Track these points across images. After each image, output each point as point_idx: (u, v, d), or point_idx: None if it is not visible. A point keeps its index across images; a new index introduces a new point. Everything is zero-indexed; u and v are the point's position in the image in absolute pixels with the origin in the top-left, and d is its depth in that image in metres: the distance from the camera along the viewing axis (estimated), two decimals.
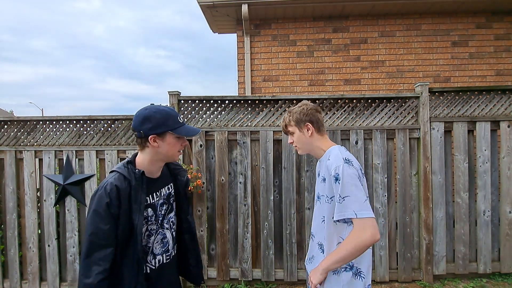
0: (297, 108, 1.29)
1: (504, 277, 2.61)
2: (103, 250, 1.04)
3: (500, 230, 2.61)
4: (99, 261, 1.03)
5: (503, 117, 2.59)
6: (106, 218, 1.05)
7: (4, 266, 2.67)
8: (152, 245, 1.20)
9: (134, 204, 1.10)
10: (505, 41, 3.94)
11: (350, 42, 4.04)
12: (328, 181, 1.17)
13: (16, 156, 2.64)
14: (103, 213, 1.05)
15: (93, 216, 1.05)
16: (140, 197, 1.11)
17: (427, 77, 3.96)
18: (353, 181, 1.11)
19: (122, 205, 1.07)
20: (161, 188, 1.24)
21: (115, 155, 2.61)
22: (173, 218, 1.30)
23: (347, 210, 1.09)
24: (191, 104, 2.64)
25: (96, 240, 1.04)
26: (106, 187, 1.07)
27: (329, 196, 1.18)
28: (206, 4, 3.79)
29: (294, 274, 2.59)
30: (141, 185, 1.12)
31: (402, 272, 2.58)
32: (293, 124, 1.28)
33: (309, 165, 2.58)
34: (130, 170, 1.12)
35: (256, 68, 4.08)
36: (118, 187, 1.07)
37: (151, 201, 1.18)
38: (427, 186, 2.55)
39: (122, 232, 1.08)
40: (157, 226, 1.21)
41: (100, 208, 1.05)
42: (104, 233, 1.04)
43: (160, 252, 1.22)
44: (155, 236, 1.20)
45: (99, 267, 1.03)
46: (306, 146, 1.29)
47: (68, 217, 2.61)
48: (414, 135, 2.60)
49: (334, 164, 1.15)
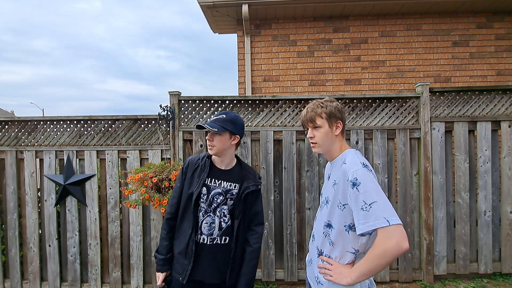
0: (329, 102, 1.19)
1: (505, 277, 2.60)
2: (174, 199, 1.52)
3: (501, 230, 2.61)
4: (169, 206, 1.52)
5: (504, 117, 2.59)
6: (179, 179, 1.53)
7: (5, 266, 2.68)
8: (202, 223, 1.45)
9: (196, 178, 1.47)
10: (506, 41, 3.93)
11: (351, 42, 4.04)
12: (343, 186, 1.08)
13: (17, 156, 2.65)
14: (179, 176, 1.55)
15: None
16: (201, 175, 1.47)
17: (427, 77, 3.95)
18: (375, 185, 1.02)
19: (188, 174, 1.50)
20: (222, 179, 1.49)
21: (115, 155, 2.62)
22: (226, 211, 1.48)
23: (378, 219, 0.97)
24: (191, 104, 2.64)
25: (173, 193, 1.55)
26: (185, 161, 1.58)
27: (342, 203, 1.09)
28: (206, 4, 3.80)
29: (295, 274, 2.59)
30: (204, 167, 1.48)
31: (403, 272, 2.58)
32: (324, 117, 1.17)
33: (310, 165, 2.58)
34: (204, 155, 1.54)
35: (257, 68, 4.08)
36: (189, 162, 1.53)
37: (208, 183, 1.47)
38: (428, 186, 2.55)
39: (185, 194, 1.47)
40: (208, 208, 1.46)
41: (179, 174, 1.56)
42: (176, 188, 1.53)
43: (206, 234, 1.45)
44: (205, 217, 1.46)
45: (169, 208, 1.52)
46: (327, 144, 1.19)
47: (68, 217, 2.62)
48: (414, 135, 2.60)
49: (351, 168, 1.06)
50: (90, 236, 2.61)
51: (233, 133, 1.45)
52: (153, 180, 2.20)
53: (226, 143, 1.45)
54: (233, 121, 1.46)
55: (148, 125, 2.65)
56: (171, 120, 2.57)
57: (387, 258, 0.97)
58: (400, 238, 0.95)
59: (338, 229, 1.11)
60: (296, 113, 2.62)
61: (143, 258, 2.61)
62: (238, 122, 1.48)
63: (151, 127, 2.65)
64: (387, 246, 0.96)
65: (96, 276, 2.62)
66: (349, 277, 1.06)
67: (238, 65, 4.12)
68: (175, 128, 2.59)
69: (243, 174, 1.51)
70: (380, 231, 0.98)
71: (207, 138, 1.46)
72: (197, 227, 1.45)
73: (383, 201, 1.00)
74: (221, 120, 1.44)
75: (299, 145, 2.62)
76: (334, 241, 1.13)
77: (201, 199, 1.45)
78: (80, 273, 2.63)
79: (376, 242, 0.99)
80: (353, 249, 1.11)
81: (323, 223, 1.19)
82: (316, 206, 2.57)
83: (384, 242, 0.97)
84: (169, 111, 2.55)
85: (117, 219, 2.61)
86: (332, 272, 1.12)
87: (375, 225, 0.98)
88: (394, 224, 0.96)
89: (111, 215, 2.61)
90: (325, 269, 1.15)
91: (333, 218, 1.13)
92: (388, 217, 0.97)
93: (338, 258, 1.13)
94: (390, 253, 0.96)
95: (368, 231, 1.01)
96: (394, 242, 0.95)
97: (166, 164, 2.42)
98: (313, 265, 1.24)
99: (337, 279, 1.09)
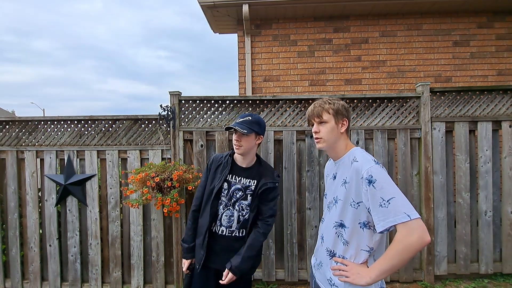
0: (336, 100, 1.23)
1: (506, 277, 2.60)
2: (198, 192, 1.68)
3: (501, 230, 2.60)
4: (195, 199, 1.69)
5: (505, 117, 2.59)
6: (204, 174, 1.70)
7: (5, 265, 2.68)
8: (222, 216, 1.59)
9: (219, 174, 1.61)
10: (506, 41, 3.92)
11: (351, 42, 4.03)
12: (356, 184, 1.08)
13: (17, 156, 2.65)
14: (204, 171, 1.72)
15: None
16: (223, 171, 1.60)
17: (428, 77, 3.95)
18: (390, 181, 1.03)
19: (212, 170, 1.64)
20: (243, 177, 1.61)
21: (116, 155, 2.62)
22: (244, 206, 1.59)
23: (398, 214, 0.97)
24: (192, 104, 2.64)
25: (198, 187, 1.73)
26: (210, 158, 1.75)
27: (356, 201, 1.08)
28: (206, 4, 3.80)
29: (295, 274, 2.58)
30: (227, 164, 1.62)
31: (403, 273, 2.58)
32: (332, 113, 1.19)
33: (310, 165, 2.58)
34: (227, 153, 1.67)
35: (257, 68, 4.08)
36: (213, 159, 1.68)
37: (229, 179, 1.60)
38: (428, 186, 2.55)
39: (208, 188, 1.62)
40: (228, 202, 1.59)
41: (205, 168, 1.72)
42: (201, 183, 1.70)
43: (225, 226, 1.58)
44: (225, 210, 1.59)
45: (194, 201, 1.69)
46: (332, 140, 1.20)
47: (69, 217, 2.62)
48: (415, 135, 2.59)
49: (365, 165, 1.06)
50: (90, 236, 2.61)
51: (258, 133, 1.58)
52: (156, 180, 2.20)
53: (252, 143, 1.56)
54: (258, 122, 1.59)
55: (149, 125, 2.65)
56: (172, 120, 2.57)
57: (410, 253, 0.97)
58: (422, 232, 0.96)
59: (352, 227, 1.11)
60: (296, 113, 2.62)
61: (143, 258, 2.61)
62: (262, 123, 1.61)
63: (151, 127, 2.65)
64: (410, 240, 0.96)
65: (96, 276, 2.62)
66: (368, 277, 1.05)
67: (239, 65, 4.12)
68: (175, 128, 2.59)
69: (261, 171, 1.62)
70: (400, 227, 0.98)
71: (235, 139, 1.56)
72: (216, 219, 1.59)
73: (401, 196, 1.00)
74: (248, 122, 1.55)
75: (299, 145, 2.62)
76: (348, 240, 1.12)
77: (222, 193, 1.59)
78: (81, 273, 2.63)
79: (398, 238, 0.99)
80: (368, 247, 1.10)
81: (334, 223, 1.17)
82: (316, 206, 2.57)
83: (406, 237, 0.97)
84: (169, 111, 2.56)
85: (117, 219, 2.61)
86: (348, 273, 1.10)
87: (395, 220, 0.98)
88: (415, 219, 0.97)
89: (111, 215, 2.61)
90: (341, 270, 1.12)
91: (346, 217, 1.13)
92: (408, 211, 0.97)
93: (353, 257, 1.12)
94: (413, 248, 0.96)
95: (388, 228, 1.00)
96: (416, 236, 0.96)
97: (167, 164, 2.42)
98: (324, 268, 1.21)
99: (355, 280, 1.07)
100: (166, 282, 2.62)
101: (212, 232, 1.60)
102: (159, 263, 2.60)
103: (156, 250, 2.59)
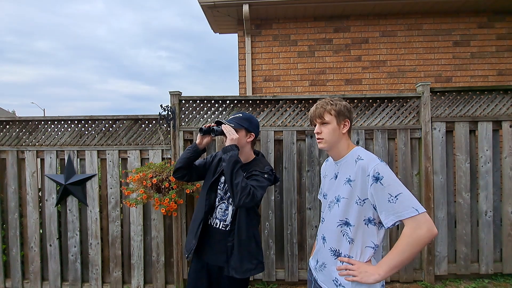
0: (338, 101, 1.23)
1: (506, 277, 2.60)
2: (199, 161, 1.78)
3: (502, 230, 2.60)
4: (178, 159, 1.74)
5: (505, 117, 2.58)
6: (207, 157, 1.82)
7: (6, 265, 2.69)
8: (216, 208, 1.62)
9: (218, 167, 1.67)
10: (507, 41, 3.92)
11: (351, 42, 4.03)
12: (361, 182, 1.10)
13: (18, 156, 2.66)
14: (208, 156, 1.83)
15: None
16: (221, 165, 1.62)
17: (428, 77, 3.95)
18: (396, 178, 1.06)
19: (214, 162, 1.74)
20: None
21: (116, 155, 2.62)
22: None
23: (406, 209, 1.00)
24: (192, 104, 2.64)
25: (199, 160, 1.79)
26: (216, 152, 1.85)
27: (362, 198, 1.10)
28: (207, 4, 3.80)
29: (295, 274, 2.58)
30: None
31: (404, 273, 2.58)
32: (333, 114, 1.20)
33: (310, 165, 2.58)
34: None
35: (257, 68, 4.07)
36: (217, 153, 1.80)
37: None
38: (429, 186, 2.55)
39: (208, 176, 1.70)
40: (224, 196, 1.62)
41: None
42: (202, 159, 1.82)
43: (219, 218, 1.61)
44: (220, 203, 1.62)
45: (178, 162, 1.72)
46: (334, 141, 1.21)
47: (69, 217, 2.62)
48: (415, 135, 2.59)
49: (370, 163, 1.09)
50: (91, 235, 2.62)
51: (249, 130, 1.60)
52: (153, 181, 2.21)
53: (242, 140, 1.58)
54: (248, 119, 1.61)
55: (149, 125, 2.65)
56: (172, 120, 2.57)
57: (420, 246, 1.00)
58: (430, 225, 1.00)
59: (357, 224, 1.12)
60: (296, 113, 2.62)
61: (143, 258, 2.61)
62: (254, 121, 1.63)
63: (151, 127, 2.65)
64: (419, 234, 0.99)
65: (97, 275, 2.62)
66: (376, 274, 1.05)
67: (239, 65, 4.12)
68: (175, 128, 2.59)
69: (254, 164, 1.63)
70: (409, 221, 1.01)
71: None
72: (212, 211, 1.63)
73: (407, 192, 1.04)
74: (238, 118, 1.59)
75: (299, 145, 2.62)
76: (353, 237, 1.12)
77: (218, 186, 1.64)
78: (81, 272, 2.64)
79: (406, 232, 1.01)
80: (373, 243, 1.12)
81: (337, 222, 1.17)
82: (317, 206, 2.57)
83: (415, 230, 0.99)
84: (169, 111, 2.56)
85: (117, 219, 2.61)
86: (356, 272, 1.09)
87: (404, 215, 1.01)
88: (422, 213, 1.00)
89: (111, 215, 2.61)
90: (347, 270, 1.11)
91: (350, 215, 1.13)
92: (416, 206, 1.01)
93: (359, 255, 1.12)
94: (423, 241, 0.99)
95: (396, 222, 1.03)
96: (425, 229, 0.99)
97: (165, 165, 2.42)
98: (329, 268, 1.19)
99: (363, 278, 1.07)
100: (166, 282, 2.62)
101: (207, 224, 1.63)
102: (159, 263, 2.60)
103: (156, 250, 2.60)
